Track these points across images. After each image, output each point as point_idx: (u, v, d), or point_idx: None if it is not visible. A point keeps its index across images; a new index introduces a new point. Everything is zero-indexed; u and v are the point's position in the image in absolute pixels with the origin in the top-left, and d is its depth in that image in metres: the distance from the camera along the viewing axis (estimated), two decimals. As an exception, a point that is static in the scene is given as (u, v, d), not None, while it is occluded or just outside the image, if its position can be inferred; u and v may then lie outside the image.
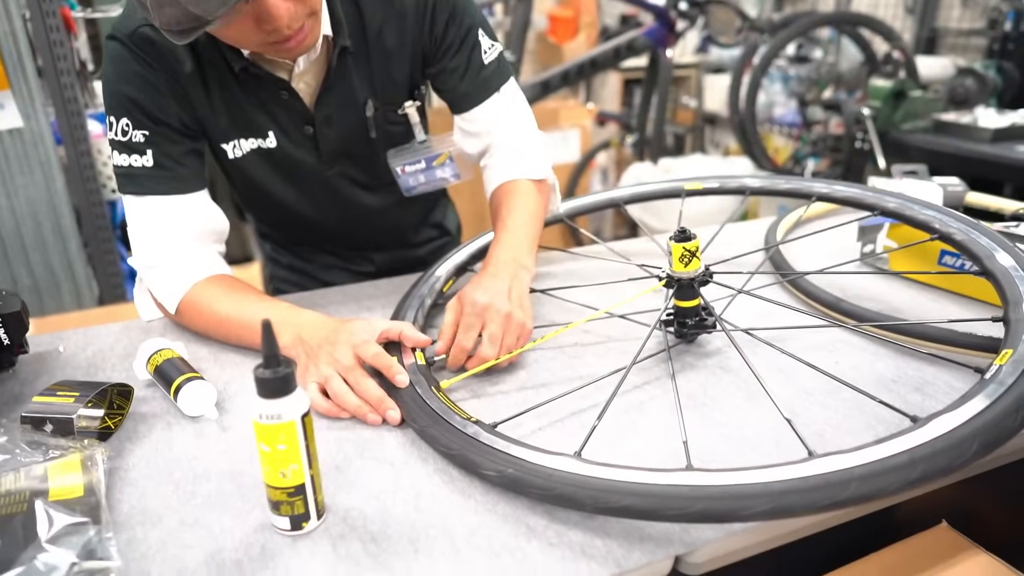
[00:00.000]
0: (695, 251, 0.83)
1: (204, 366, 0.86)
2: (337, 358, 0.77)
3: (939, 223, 0.88)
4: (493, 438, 0.65)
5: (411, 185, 1.07)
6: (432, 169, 1.06)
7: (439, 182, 1.08)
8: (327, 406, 0.75)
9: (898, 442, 0.57)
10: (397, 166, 1.05)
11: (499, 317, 0.81)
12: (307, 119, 0.97)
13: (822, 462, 0.56)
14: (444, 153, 1.06)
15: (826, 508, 0.54)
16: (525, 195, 1.01)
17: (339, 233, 1.18)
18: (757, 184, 1.10)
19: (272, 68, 0.92)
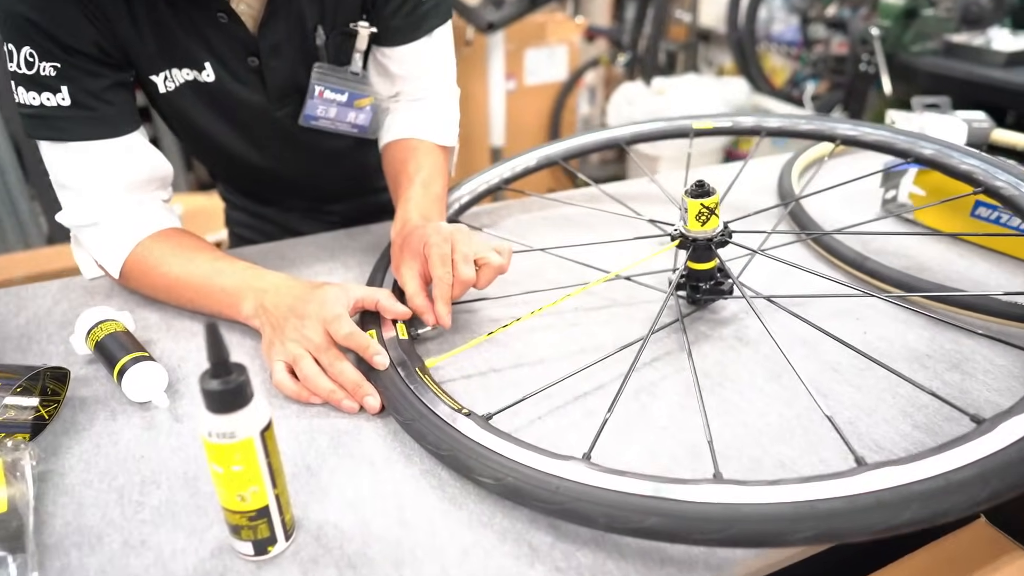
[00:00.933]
0: (714, 208, 0.73)
1: (154, 337, 0.76)
2: (306, 335, 0.67)
3: (983, 175, 0.78)
4: (488, 436, 0.56)
5: (315, 114, 0.90)
6: (348, 108, 0.92)
7: (344, 126, 0.93)
8: (296, 389, 0.66)
9: (963, 451, 0.48)
10: (319, 85, 0.88)
11: (466, 236, 0.73)
12: (250, 49, 0.84)
13: (875, 476, 0.48)
14: (369, 97, 0.92)
15: (881, 533, 0.46)
16: (434, 157, 0.91)
17: (293, 182, 1.06)
18: (774, 124, 0.98)
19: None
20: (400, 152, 0.92)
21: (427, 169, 0.89)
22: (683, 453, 0.60)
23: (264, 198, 1.13)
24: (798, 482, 0.48)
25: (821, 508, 0.47)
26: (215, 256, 0.79)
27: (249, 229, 1.15)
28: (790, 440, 0.61)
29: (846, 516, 0.46)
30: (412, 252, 0.74)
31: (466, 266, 0.71)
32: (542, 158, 1.02)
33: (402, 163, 0.90)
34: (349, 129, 0.94)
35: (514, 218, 1.04)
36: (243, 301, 0.73)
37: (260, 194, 1.13)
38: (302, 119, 0.91)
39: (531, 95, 3.31)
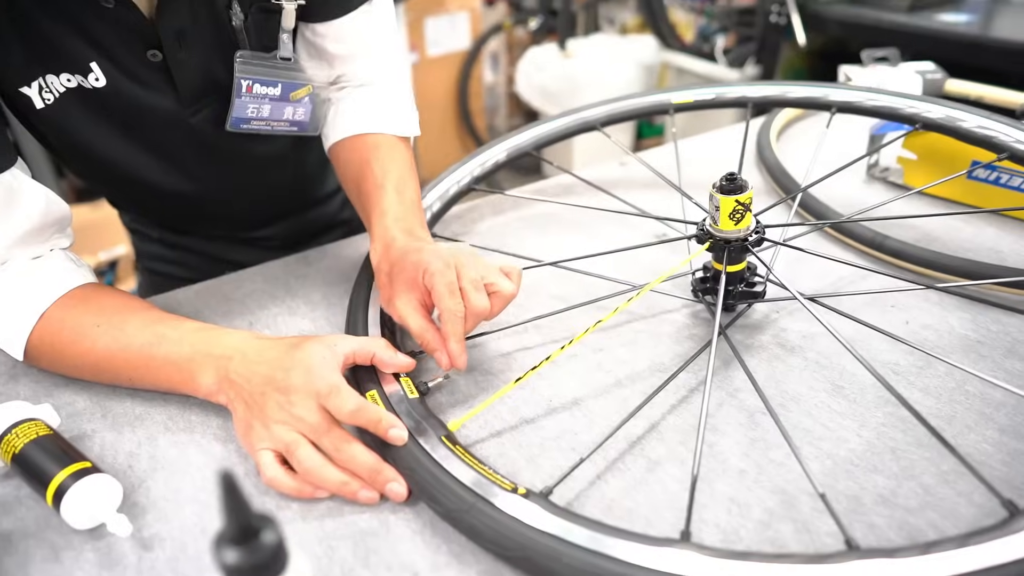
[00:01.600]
0: (749, 204, 0.64)
1: (87, 429, 0.60)
2: (297, 414, 0.53)
3: (1006, 138, 0.73)
4: (559, 522, 0.46)
5: (245, 115, 0.74)
6: (284, 103, 0.76)
7: (281, 125, 0.78)
8: (295, 485, 0.52)
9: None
10: (245, 78, 0.72)
11: (471, 259, 0.61)
12: (149, 40, 0.67)
13: None
14: (307, 86, 0.77)
15: None
16: (399, 153, 0.78)
17: (220, 203, 0.89)
18: (760, 95, 0.91)
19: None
20: (358, 151, 0.78)
21: (396, 170, 0.75)
22: (776, 505, 0.51)
23: (183, 226, 0.95)
24: (953, 546, 0.41)
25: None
26: (151, 317, 0.63)
27: (167, 263, 0.97)
28: (882, 467, 0.54)
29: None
30: (408, 282, 0.62)
31: (478, 294, 0.59)
32: (512, 149, 0.90)
33: (364, 165, 0.76)
34: (287, 128, 0.78)
35: (487, 222, 0.92)
36: (200, 374, 0.58)
37: (178, 222, 0.95)
38: (230, 123, 0.74)
39: (435, 66, 3.14)
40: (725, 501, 0.52)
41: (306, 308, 0.75)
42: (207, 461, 0.56)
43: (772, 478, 0.53)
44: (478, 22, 3.17)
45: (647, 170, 0.91)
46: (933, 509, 0.50)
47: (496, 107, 3.80)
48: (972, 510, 0.50)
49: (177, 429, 0.59)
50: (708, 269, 0.71)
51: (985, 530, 0.41)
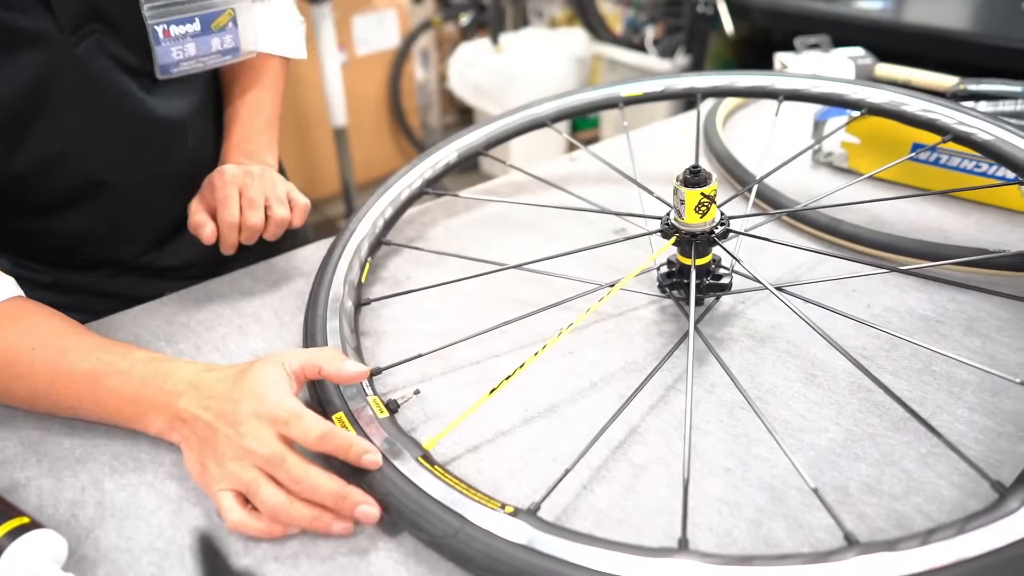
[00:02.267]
0: (713, 196, 0.63)
1: (20, 477, 0.54)
2: (249, 447, 0.49)
3: (948, 119, 0.74)
4: (553, 540, 0.44)
5: (173, 59, 0.71)
6: (208, 35, 0.72)
7: (214, 58, 0.74)
8: (262, 526, 0.48)
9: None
10: (159, 23, 0.68)
11: (257, 180, 0.73)
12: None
13: None
14: (227, 11, 0.73)
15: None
16: (272, 77, 0.84)
17: (113, 196, 0.75)
18: (708, 84, 0.90)
19: None
20: (233, 69, 0.83)
21: (255, 96, 0.82)
22: (766, 502, 0.50)
23: (77, 249, 0.80)
24: (952, 533, 0.41)
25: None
26: (94, 343, 0.57)
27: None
28: (864, 455, 0.54)
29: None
30: (201, 195, 0.74)
31: (253, 212, 0.71)
32: (462, 150, 0.87)
33: (232, 84, 0.82)
34: (221, 59, 0.76)
35: (442, 224, 0.88)
36: (151, 412, 0.54)
37: (69, 242, 0.79)
38: (160, 71, 0.71)
39: (365, 66, 3.07)
40: (715, 502, 0.50)
41: (257, 327, 0.70)
42: (161, 503, 0.51)
43: (759, 475, 0.52)
44: (406, 19, 3.11)
45: (597, 164, 0.90)
46: (917, 494, 0.50)
47: (429, 105, 3.74)
48: (955, 491, 0.50)
49: (125, 470, 0.54)
50: (673, 264, 0.70)
51: (980, 514, 0.41)
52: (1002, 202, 0.86)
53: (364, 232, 0.76)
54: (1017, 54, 1.82)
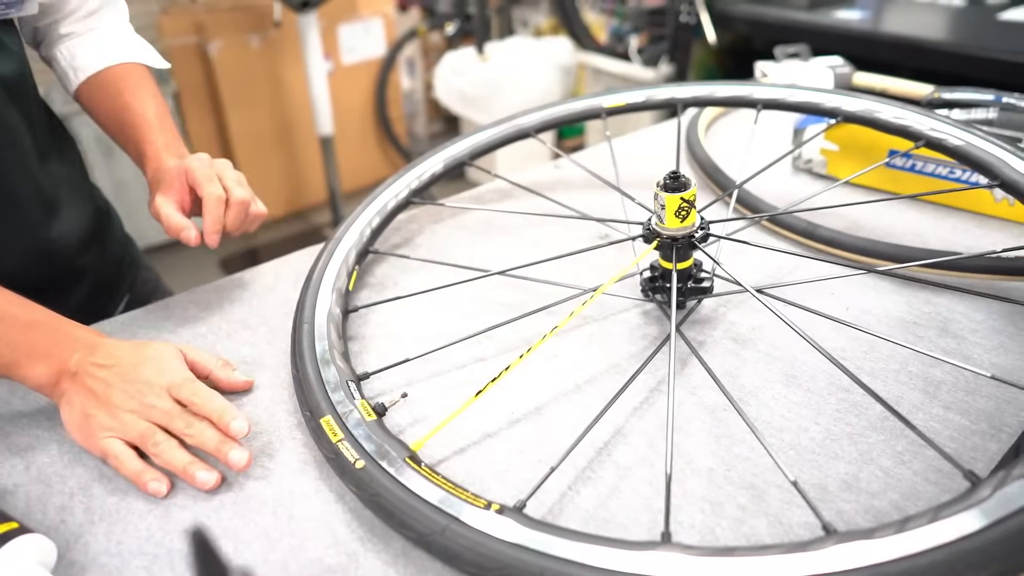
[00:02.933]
0: (693, 201, 0.64)
1: (11, 483, 0.54)
2: (149, 402, 0.55)
3: (921, 126, 0.76)
4: (539, 536, 0.44)
5: None
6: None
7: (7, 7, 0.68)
8: (138, 468, 0.53)
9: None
10: None
11: (229, 169, 0.72)
12: None
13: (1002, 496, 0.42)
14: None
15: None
16: (149, 83, 0.81)
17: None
18: (688, 95, 0.92)
19: None
20: (109, 85, 0.79)
21: (152, 101, 0.79)
22: (747, 500, 0.52)
23: None
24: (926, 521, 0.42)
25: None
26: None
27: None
28: (842, 453, 0.55)
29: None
30: (169, 183, 0.70)
31: (240, 188, 0.70)
32: (449, 160, 0.88)
33: (119, 97, 0.78)
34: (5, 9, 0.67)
35: (428, 231, 0.89)
36: (35, 362, 0.56)
37: None
38: None
39: (351, 74, 3.08)
40: (698, 501, 0.51)
41: (245, 334, 0.71)
42: (150, 507, 0.52)
43: (741, 474, 0.53)
44: (392, 28, 3.13)
45: (580, 171, 0.91)
46: (894, 491, 0.52)
47: (415, 113, 3.76)
48: (930, 487, 0.52)
49: (114, 475, 0.55)
50: (655, 268, 0.71)
51: (953, 502, 0.42)
52: (975, 207, 0.89)
53: (352, 241, 0.77)
54: (993, 64, 1.86)
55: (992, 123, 0.95)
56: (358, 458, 0.51)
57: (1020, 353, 0.64)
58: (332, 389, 0.59)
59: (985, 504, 0.41)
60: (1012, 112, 0.96)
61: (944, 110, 1.01)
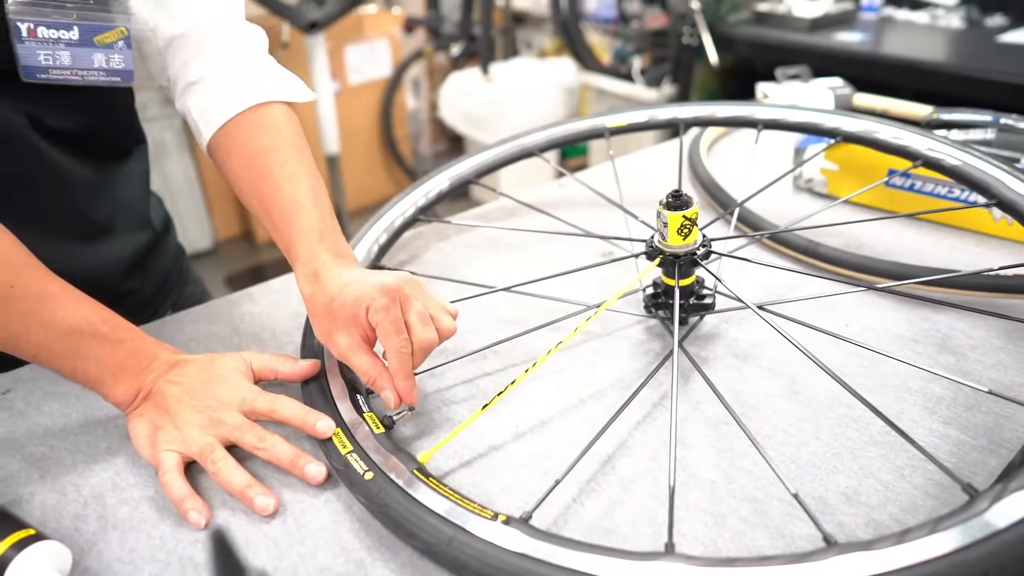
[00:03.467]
0: (695, 219, 0.66)
1: (24, 492, 0.55)
2: (218, 418, 0.57)
3: (920, 146, 0.78)
4: (546, 546, 0.45)
5: (38, 63, 0.61)
6: (90, 48, 0.63)
7: (94, 75, 0.64)
8: (184, 492, 0.53)
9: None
10: (23, 20, 0.59)
11: (414, 290, 0.59)
12: None
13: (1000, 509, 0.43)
14: (118, 29, 0.64)
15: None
16: (302, 142, 0.67)
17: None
18: (690, 115, 0.94)
19: None
20: (243, 139, 0.66)
21: (304, 172, 0.65)
22: (749, 513, 0.52)
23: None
24: (925, 533, 0.43)
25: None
26: (76, 296, 0.57)
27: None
28: (842, 467, 0.56)
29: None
30: (349, 318, 0.58)
31: (424, 328, 0.58)
32: (454, 179, 0.90)
33: (261, 159, 0.64)
34: (106, 79, 0.64)
35: (433, 249, 0.91)
36: (120, 384, 0.58)
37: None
38: (23, 73, 0.61)
39: (357, 94, 3.12)
40: (700, 513, 0.52)
41: (257, 348, 0.72)
42: (163, 516, 0.53)
43: (743, 487, 0.54)
44: (398, 49, 3.17)
45: (584, 190, 0.93)
46: (894, 504, 0.52)
47: (420, 133, 3.80)
48: (930, 501, 0.52)
49: (127, 484, 0.56)
50: (658, 285, 0.72)
51: (952, 515, 0.43)
52: (974, 226, 0.90)
53: (360, 258, 0.78)
54: (991, 85, 1.88)
55: (990, 143, 0.96)
56: (367, 469, 0.52)
57: (1018, 369, 0.65)
58: (341, 402, 0.60)
59: (982, 517, 0.42)
60: (1010, 133, 0.97)
61: (943, 131, 1.02)
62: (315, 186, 0.65)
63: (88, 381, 0.58)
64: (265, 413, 0.58)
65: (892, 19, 2.50)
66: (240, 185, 0.67)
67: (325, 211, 0.64)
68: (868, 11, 2.53)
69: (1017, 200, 0.67)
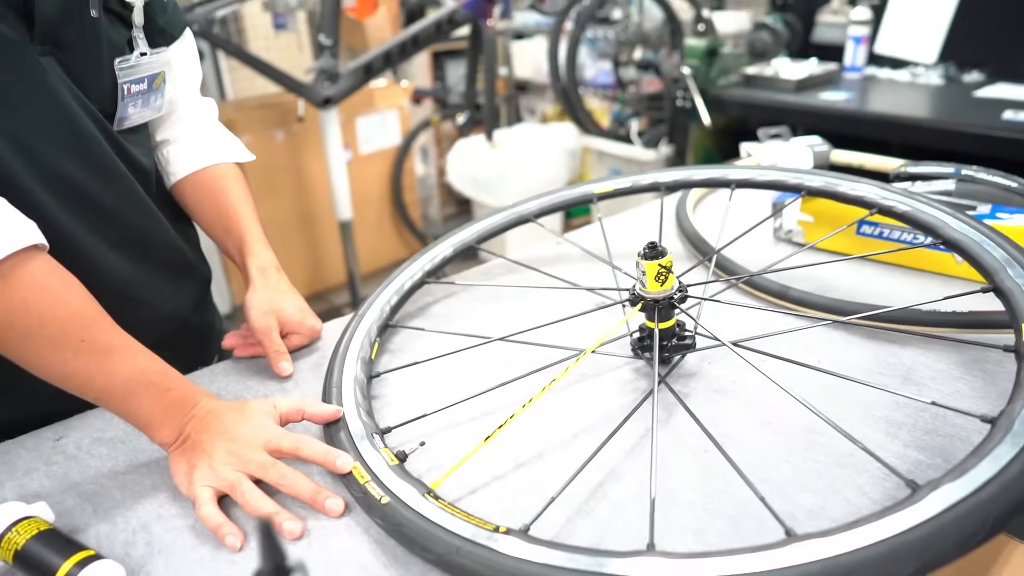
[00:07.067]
0: (670, 267, 0.74)
1: (80, 524, 0.62)
2: (246, 457, 0.64)
3: (874, 196, 0.86)
4: (540, 549, 0.52)
5: (127, 113, 0.81)
6: (150, 93, 0.83)
7: (151, 111, 0.85)
8: (220, 521, 0.61)
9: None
10: (123, 81, 0.78)
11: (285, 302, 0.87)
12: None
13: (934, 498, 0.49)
14: (161, 73, 0.84)
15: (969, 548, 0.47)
16: (242, 183, 0.96)
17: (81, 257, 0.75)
18: (669, 179, 1.03)
19: None
20: (207, 184, 0.93)
21: (246, 204, 0.93)
22: (724, 527, 0.59)
23: None
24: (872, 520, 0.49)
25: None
26: (135, 348, 0.67)
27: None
28: (810, 486, 0.62)
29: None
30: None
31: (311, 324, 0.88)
32: (458, 244, 0.99)
33: (216, 196, 0.92)
34: (153, 114, 0.86)
35: (441, 303, 0.99)
36: (164, 429, 0.66)
37: None
38: (117, 122, 0.80)
39: (368, 163, 3.27)
40: (681, 529, 0.58)
41: (281, 395, 0.80)
42: (202, 541, 0.60)
43: (719, 506, 0.60)
44: (407, 119, 3.34)
45: (581, 246, 1.01)
46: (856, 516, 0.58)
47: (429, 197, 3.94)
48: (886, 512, 0.58)
49: (169, 516, 0.63)
50: (644, 329, 0.80)
51: (896, 506, 0.49)
52: (940, 268, 0.97)
53: (373, 317, 0.86)
54: (969, 137, 1.98)
55: (951, 193, 1.05)
56: (383, 495, 0.59)
57: (973, 397, 0.72)
58: (359, 441, 0.67)
59: (919, 504, 0.48)
60: (969, 183, 1.06)
61: (907, 183, 1.11)
62: (253, 213, 0.93)
63: (139, 424, 0.66)
64: (290, 452, 0.66)
65: (875, 78, 2.64)
66: (202, 217, 0.94)
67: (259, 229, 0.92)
68: (852, 71, 2.67)
69: (958, 238, 0.75)
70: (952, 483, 0.49)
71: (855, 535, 0.47)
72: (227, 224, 0.91)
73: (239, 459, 0.64)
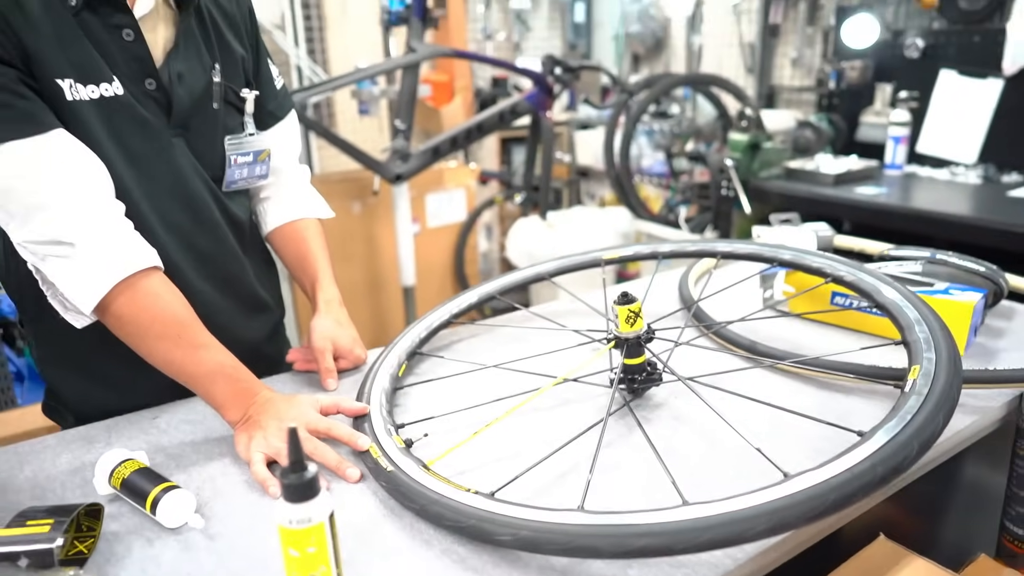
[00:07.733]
0: (639, 312, 0.91)
1: (167, 473, 0.83)
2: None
3: (830, 268, 1.01)
4: (497, 504, 0.68)
5: (234, 178, 1.04)
6: (255, 164, 1.06)
7: (256, 179, 1.08)
8: (265, 476, 0.80)
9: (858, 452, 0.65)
10: (231, 154, 1.02)
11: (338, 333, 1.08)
12: (148, 71, 0.90)
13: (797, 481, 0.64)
14: (267, 150, 1.07)
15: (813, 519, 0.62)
16: (320, 234, 1.17)
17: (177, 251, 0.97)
18: (667, 249, 1.21)
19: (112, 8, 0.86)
20: (298, 232, 1.14)
21: (324, 251, 1.14)
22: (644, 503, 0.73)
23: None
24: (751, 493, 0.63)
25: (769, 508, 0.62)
26: (217, 345, 0.88)
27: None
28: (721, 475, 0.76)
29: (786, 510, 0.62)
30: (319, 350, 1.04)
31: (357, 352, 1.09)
32: (482, 295, 1.19)
33: (301, 242, 1.13)
34: (258, 180, 1.09)
35: (464, 342, 1.19)
36: (234, 409, 0.87)
37: None
38: (225, 184, 1.03)
39: (434, 236, 3.55)
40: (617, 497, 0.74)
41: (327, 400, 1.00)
42: (252, 490, 0.79)
43: (658, 502, 0.76)
44: (473, 198, 3.63)
45: (586, 302, 1.19)
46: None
47: (490, 271, 4.19)
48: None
49: (230, 472, 0.83)
50: (622, 367, 0.96)
51: (846, 451, 0.64)
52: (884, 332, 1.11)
53: (405, 346, 1.06)
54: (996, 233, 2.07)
55: (918, 273, 1.18)
56: (389, 465, 0.77)
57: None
58: (378, 430, 0.86)
59: (865, 445, 0.65)
60: (936, 265, 1.19)
61: (884, 262, 1.25)
62: (327, 258, 1.15)
63: (215, 404, 0.87)
64: (324, 431, 0.85)
65: (915, 175, 2.75)
66: (288, 259, 1.16)
67: (330, 272, 1.13)
68: (892, 168, 2.79)
69: (886, 302, 0.90)
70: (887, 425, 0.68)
71: (728, 503, 0.62)
72: (304, 264, 1.13)
73: (285, 433, 0.83)
